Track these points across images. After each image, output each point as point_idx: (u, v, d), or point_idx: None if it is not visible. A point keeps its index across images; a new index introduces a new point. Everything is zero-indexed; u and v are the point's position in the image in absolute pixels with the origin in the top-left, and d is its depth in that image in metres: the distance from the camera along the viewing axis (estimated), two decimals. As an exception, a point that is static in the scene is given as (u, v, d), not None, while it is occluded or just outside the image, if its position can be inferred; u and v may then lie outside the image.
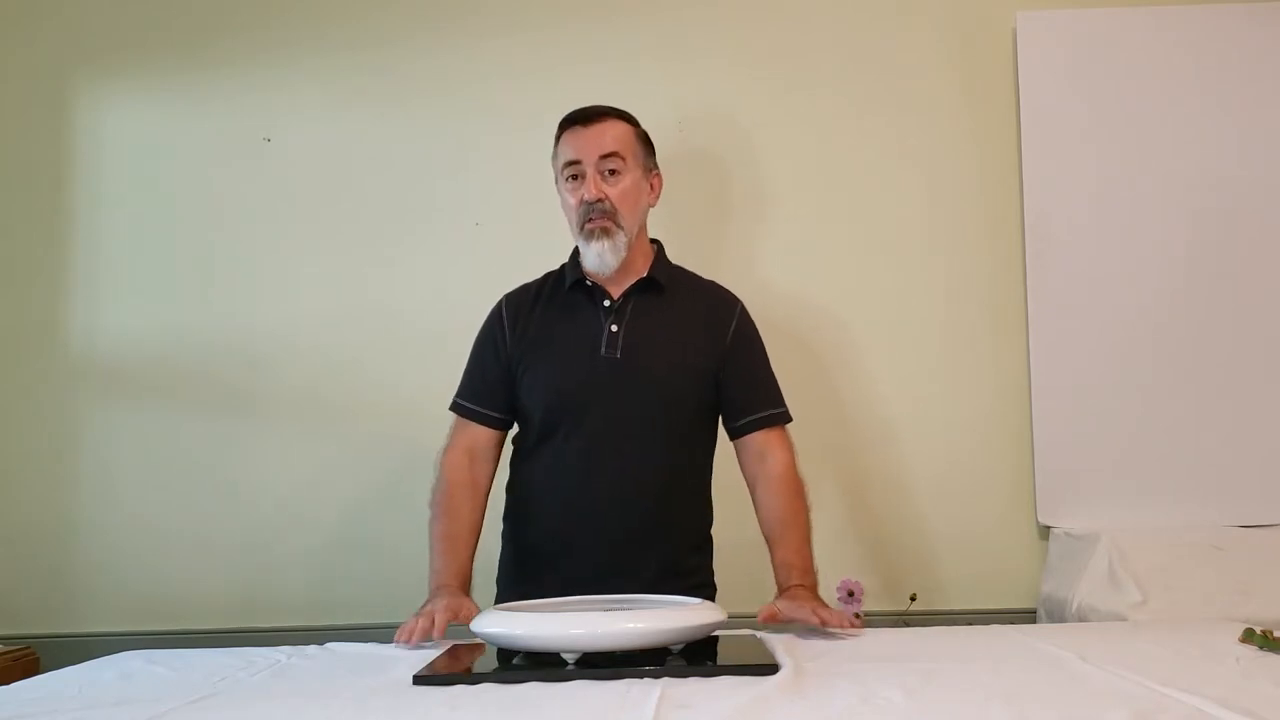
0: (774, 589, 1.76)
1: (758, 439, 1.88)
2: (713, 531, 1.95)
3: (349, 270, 2.47)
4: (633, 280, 1.89)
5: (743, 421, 1.89)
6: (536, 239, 2.40)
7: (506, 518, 1.93)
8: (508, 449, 1.95)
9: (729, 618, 1.87)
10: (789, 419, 1.92)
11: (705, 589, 1.87)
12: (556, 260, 2.03)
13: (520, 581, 1.87)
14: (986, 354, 2.41)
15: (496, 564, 1.94)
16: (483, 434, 1.91)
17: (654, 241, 1.98)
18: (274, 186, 2.49)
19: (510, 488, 1.93)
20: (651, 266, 1.92)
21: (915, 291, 2.43)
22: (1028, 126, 2.41)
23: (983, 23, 2.47)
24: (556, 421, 1.85)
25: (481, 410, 1.91)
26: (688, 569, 1.86)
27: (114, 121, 2.52)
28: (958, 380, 2.41)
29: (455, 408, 1.93)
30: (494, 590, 1.92)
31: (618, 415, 1.81)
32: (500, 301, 1.97)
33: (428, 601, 1.69)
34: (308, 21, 2.52)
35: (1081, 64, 2.42)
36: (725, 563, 1.95)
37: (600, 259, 1.84)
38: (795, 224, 2.45)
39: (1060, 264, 2.38)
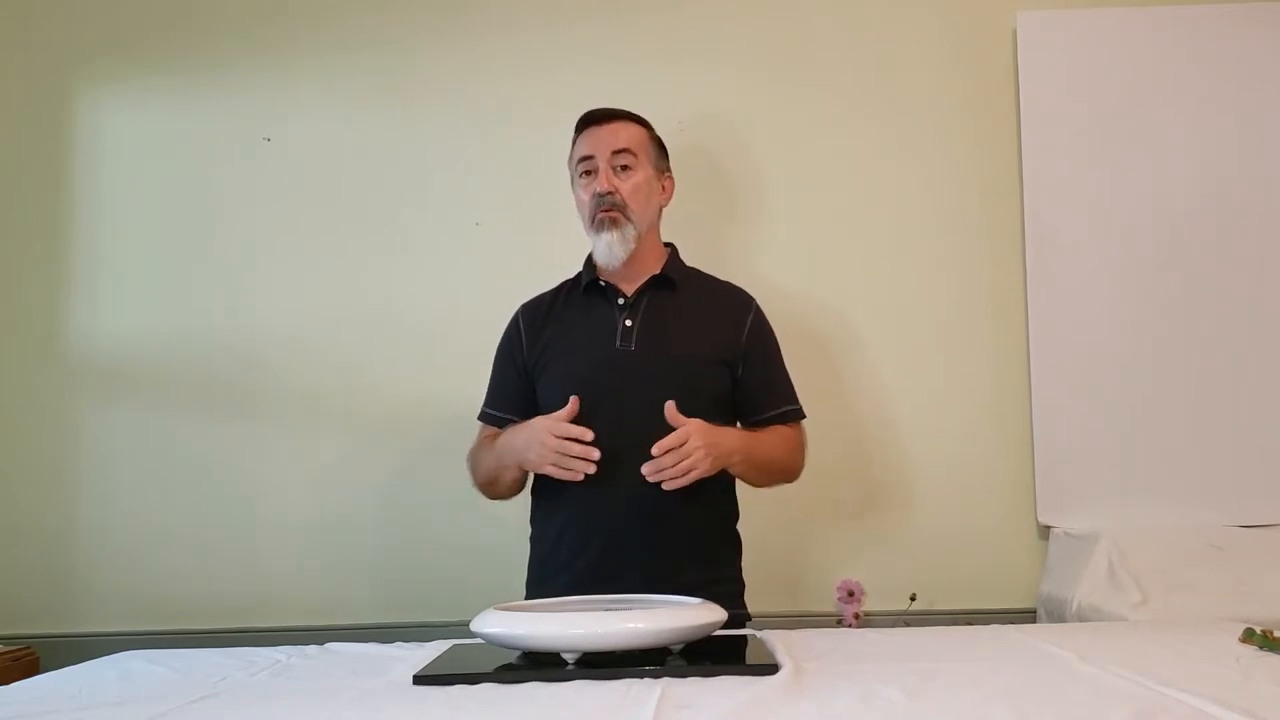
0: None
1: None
2: (740, 535, 1.95)
3: (349, 270, 2.47)
4: (646, 278, 1.92)
5: (759, 419, 1.91)
6: (537, 239, 2.42)
7: (533, 520, 1.94)
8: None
9: (756, 616, 1.90)
10: (803, 415, 1.95)
11: (733, 583, 1.88)
12: (557, 260, 2.04)
13: (546, 580, 1.86)
14: (986, 354, 2.41)
15: (526, 568, 1.94)
16: None
17: (668, 245, 2.01)
18: (274, 186, 2.49)
19: (534, 490, 1.94)
20: (665, 265, 1.95)
21: (915, 291, 2.43)
22: (1028, 127, 2.41)
23: (983, 23, 2.47)
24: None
25: (505, 415, 1.93)
26: (716, 559, 1.87)
27: (114, 121, 2.52)
28: (958, 380, 2.41)
29: (481, 416, 1.98)
30: (523, 592, 1.92)
31: (634, 406, 1.81)
32: (517, 311, 2.00)
33: (527, 446, 1.76)
34: (308, 21, 2.52)
35: (1081, 64, 2.42)
36: (751, 562, 1.95)
37: (609, 249, 1.87)
38: (795, 225, 2.45)
39: (1060, 263, 2.38)
